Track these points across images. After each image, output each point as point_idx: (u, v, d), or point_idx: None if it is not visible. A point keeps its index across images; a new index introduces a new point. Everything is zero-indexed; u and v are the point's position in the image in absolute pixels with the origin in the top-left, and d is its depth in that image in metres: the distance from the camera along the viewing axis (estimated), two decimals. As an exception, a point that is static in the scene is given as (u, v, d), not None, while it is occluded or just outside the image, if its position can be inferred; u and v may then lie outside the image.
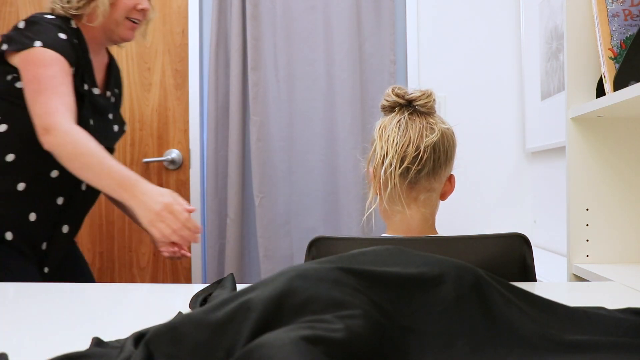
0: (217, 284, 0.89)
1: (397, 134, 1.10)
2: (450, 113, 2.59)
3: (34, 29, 1.32)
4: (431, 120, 1.13)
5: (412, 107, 1.13)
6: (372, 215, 1.16)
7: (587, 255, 1.29)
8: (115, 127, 1.55)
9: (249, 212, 2.54)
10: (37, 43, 1.29)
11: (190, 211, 1.19)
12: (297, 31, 2.52)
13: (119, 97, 1.63)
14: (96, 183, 1.24)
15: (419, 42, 2.59)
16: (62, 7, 1.40)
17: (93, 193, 1.47)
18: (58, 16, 1.39)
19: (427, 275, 0.54)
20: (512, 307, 0.55)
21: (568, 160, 1.31)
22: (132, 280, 2.62)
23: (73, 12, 1.40)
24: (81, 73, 1.39)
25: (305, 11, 2.52)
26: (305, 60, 2.52)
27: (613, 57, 1.17)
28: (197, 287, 0.92)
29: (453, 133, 1.17)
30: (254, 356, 0.40)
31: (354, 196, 2.47)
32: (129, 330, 0.57)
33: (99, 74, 1.52)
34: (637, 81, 1.07)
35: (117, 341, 0.60)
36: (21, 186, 1.33)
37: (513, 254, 1.07)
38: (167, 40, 2.65)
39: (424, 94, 1.13)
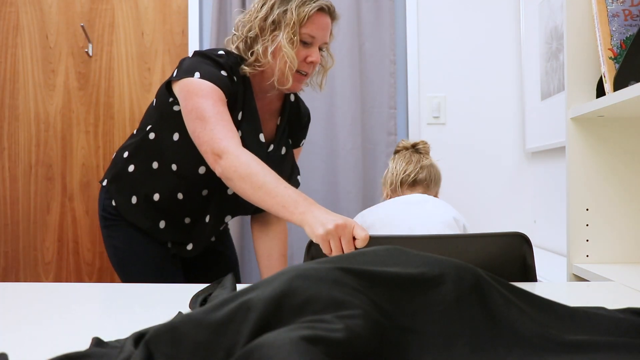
0: (217, 284, 0.89)
1: (404, 160, 1.73)
2: (450, 113, 2.59)
3: (199, 60, 1.35)
4: (427, 156, 1.76)
5: (415, 149, 1.76)
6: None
7: (587, 255, 1.29)
8: None
9: (249, 212, 2.53)
10: (197, 74, 1.31)
11: (365, 238, 1.04)
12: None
13: (289, 145, 1.57)
14: (267, 202, 1.15)
15: (419, 42, 2.59)
16: (248, 64, 1.39)
17: (216, 223, 1.51)
18: (229, 55, 1.39)
19: (427, 276, 0.54)
20: (512, 307, 0.55)
21: (568, 160, 1.31)
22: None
23: (257, 67, 1.39)
24: (238, 114, 1.38)
25: (306, 11, 2.51)
26: (305, 60, 2.52)
27: (613, 57, 1.17)
28: (197, 287, 0.92)
29: (440, 171, 1.79)
30: (254, 356, 0.40)
31: (354, 196, 2.47)
32: (129, 330, 0.57)
33: (267, 121, 1.50)
34: (637, 81, 1.07)
35: (117, 341, 0.60)
36: (156, 197, 1.45)
37: (513, 254, 1.08)
38: (167, 40, 2.65)
39: (422, 142, 1.80)
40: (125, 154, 1.50)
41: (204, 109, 1.27)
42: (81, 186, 2.65)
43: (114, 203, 1.50)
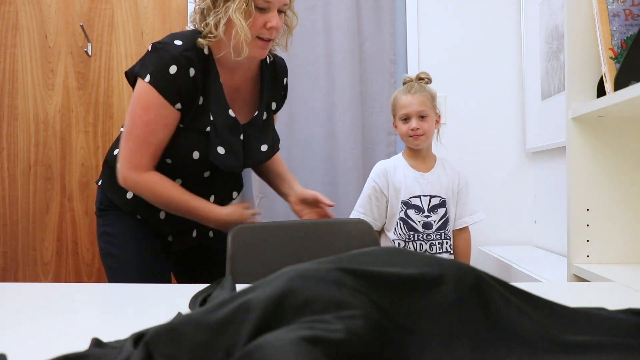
0: (217, 284, 0.89)
1: None
2: (450, 113, 2.59)
3: (154, 57, 1.33)
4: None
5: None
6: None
7: (588, 256, 1.29)
8: (264, 147, 1.49)
9: (249, 212, 2.54)
10: (147, 77, 1.31)
11: (254, 213, 1.43)
12: (297, 31, 2.52)
13: (271, 111, 1.55)
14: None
15: (419, 42, 2.59)
16: (204, 38, 1.35)
17: (223, 201, 1.52)
18: (186, 39, 1.35)
19: (428, 276, 0.54)
20: (512, 308, 0.55)
21: (568, 160, 1.31)
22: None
23: (212, 39, 1.34)
24: (198, 99, 1.37)
25: (305, 11, 2.52)
26: (305, 60, 2.52)
27: (614, 57, 1.17)
28: (197, 287, 0.92)
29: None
30: (253, 357, 0.40)
31: (354, 196, 2.47)
32: (128, 331, 0.57)
33: (250, 90, 1.48)
34: (638, 81, 1.07)
35: (117, 341, 0.59)
36: (178, 182, 1.44)
37: (363, 238, 1.26)
38: (167, 40, 2.65)
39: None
40: (116, 152, 1.48)
41: (136, 124, 1.33)
42: (80, 186, 2.65)
43: (110, 199, 1.50)
